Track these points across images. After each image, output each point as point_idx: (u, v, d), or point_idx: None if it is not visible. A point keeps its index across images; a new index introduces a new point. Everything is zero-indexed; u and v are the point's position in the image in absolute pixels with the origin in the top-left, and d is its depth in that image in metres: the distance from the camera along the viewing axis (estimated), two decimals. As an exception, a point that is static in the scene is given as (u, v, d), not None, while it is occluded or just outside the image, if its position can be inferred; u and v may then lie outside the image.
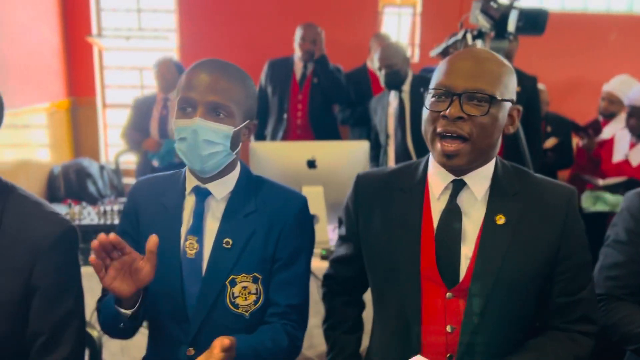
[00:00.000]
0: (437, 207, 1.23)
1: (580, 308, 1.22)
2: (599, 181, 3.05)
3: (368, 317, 1.44)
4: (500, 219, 1.19)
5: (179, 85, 1.30)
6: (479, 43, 2.39)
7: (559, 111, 3.81)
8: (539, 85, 3.24)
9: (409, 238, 1.23)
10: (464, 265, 1.19)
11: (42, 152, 4.33)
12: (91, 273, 2.06)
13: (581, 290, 1.22)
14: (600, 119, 3.68)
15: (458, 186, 1.22)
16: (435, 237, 1.21)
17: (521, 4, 2.39)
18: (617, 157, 3.15)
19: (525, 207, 1.20)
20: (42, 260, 1.19)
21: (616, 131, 3.28)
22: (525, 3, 2.48)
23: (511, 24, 2.27)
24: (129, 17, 4.92)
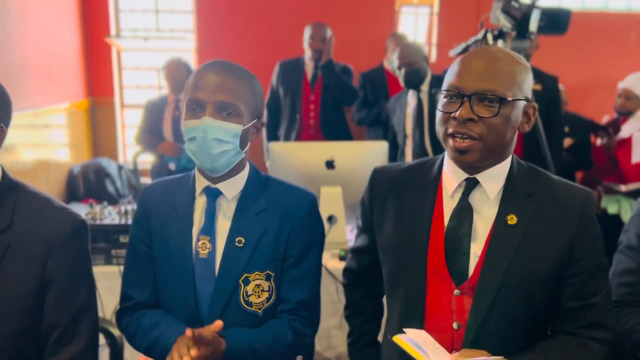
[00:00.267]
0: (450, 205, 1.24)
1: (592, 313, 1.20)
2: (622, 187, 3.00)
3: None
4: (512, 219, 1.19)
5: (187, 87, 1.31)
6: (500, 43, 2.37)
7: (578, 111, 3.76)
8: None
9: (418, 233, 1.24)
10: (473, 263, 1.20)
11: (62, 152, 4.37)
12: (113, 273, 2.10)
13: (594, 296, 1.19)
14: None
15: (471, 184, 1.22)
16: (445, 234, 1.21)
17: (542, 3, 2.37)
18: (636, 158, 3.11)
19: (539, 208, 1.19)
20: (56, 254, 1.22)
21: (634, 130, 3.24)
22: (545, 2, 2.46)
23: (533, 24, 2.25)
24: (146, 18, 4.96)
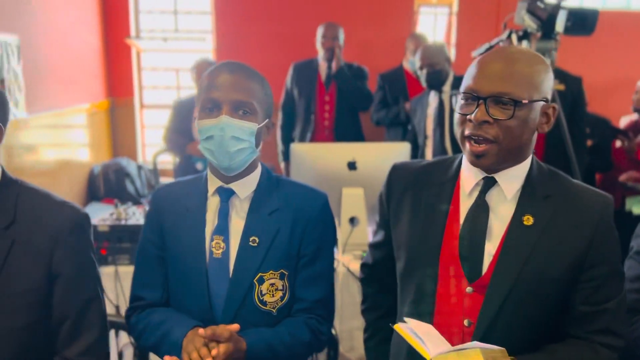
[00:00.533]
0: (467, 203, 1.23)
1: (604, 319, 1.18)
2: None
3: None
4: (529, 219, 1.18)
5: (200, 88, 1.32)
6: (525, 44, 2.34)
7: (599, 111, 3.71)
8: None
9: (433, 229, 1.24)
10: (487, 261, 1.19)
11: (83, 152, 4.42)
12: (126, 272, 2.12)
13: (607, 301, 1.18)
14: (636, 116, 3.56)
15: (489, 183, 1.22)
16: (460, 231, 1.21)
17: (567, 3, 2.34)
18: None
19: (556, 211, 1.18)
20: (61, 247, 1.23)
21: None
22: (567, 2, 2.42)
23: (559, 24, 2.22)
24: (166, 19, 5.00)
